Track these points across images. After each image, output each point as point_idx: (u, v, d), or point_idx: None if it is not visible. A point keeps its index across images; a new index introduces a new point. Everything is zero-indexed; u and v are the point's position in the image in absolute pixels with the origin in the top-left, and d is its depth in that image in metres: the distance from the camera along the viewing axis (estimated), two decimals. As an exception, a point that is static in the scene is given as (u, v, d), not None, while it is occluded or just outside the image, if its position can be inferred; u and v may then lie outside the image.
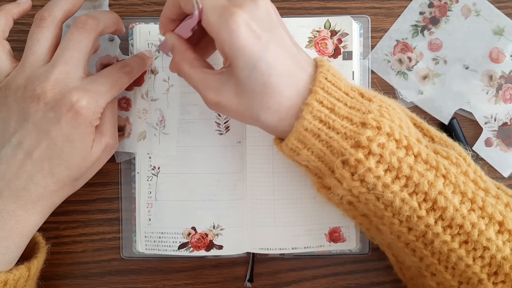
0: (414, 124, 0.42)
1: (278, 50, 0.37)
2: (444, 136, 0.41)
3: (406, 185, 0.36)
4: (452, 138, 0.49)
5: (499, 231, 0.36)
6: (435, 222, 0.36)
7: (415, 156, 0.36)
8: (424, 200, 0.36)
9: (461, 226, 0.36)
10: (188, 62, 0.40)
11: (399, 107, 0.41)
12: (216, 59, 0.46)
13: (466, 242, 0.36)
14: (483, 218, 0.36)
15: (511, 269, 0.36)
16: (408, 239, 0.38)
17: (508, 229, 0.36)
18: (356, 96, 0.39)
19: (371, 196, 0.37)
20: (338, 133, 0.36)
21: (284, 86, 0.37)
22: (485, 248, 0.36)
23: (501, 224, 0.36)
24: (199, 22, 0.38)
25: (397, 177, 0.36)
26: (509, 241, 0.36)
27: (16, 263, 0.40)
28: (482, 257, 0.36)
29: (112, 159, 0.49)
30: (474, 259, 0.36)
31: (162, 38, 0.43)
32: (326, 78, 0.38)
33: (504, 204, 0.38)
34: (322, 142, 0.37)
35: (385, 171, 0.36)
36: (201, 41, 0.43)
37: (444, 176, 0.36)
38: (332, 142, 0.36)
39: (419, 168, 0.36)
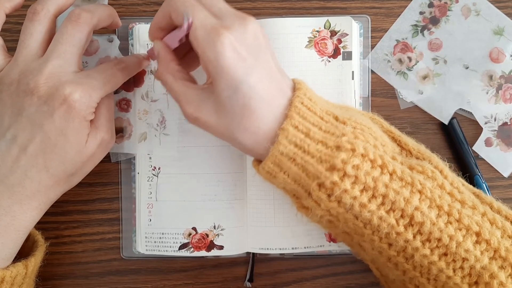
0: (393, 138, 0.42)
1: (261, 74, 0.37)
2: (421, 148, 0.42)
3: (382, 203, 0.36)
4: (452, 138, 0.49)
5: (476, 242, 0.37)
6: (414, 237, 0.36)
7: (390, 174, 0.37)
8: (401, 216, 0.36)
9: (439, 240, 0.36)
10: (171, 73, 0.40)
11: (377, 123, 0.41)
12: (201, 73, 0.46)
13: (445, 254, 0.36)
14: (460, 230, 0.36)
15: (490, 278, 0.36)
16: (389, 254, 0.38)
17: (485, 239, 0.37)
18: (330, 120, 0.39)
19: (350, 216, 0.37)
20: (313, 157, 0.37)
21: (263, 110, 0.37)
22: (464, 259, 0.36)
23: (478, 234, 0.37)
24: (187, 36, 0.38)
25: (373, 196, 0.36)
26: (487, 251, 0.36)
27: (14, 261, 0.40)
28: (461, 268, 0.36)
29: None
30: (454, 271, 0.37)
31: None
32: (302, 103, 0.38)
33: (481, 214, 0.38)
34: (297, 165, 0.37)
35: (361, 191, 0.36)
36: (187, 54, 0.44)
37: (419, 192, 0.37)
38: (308, 165, 0.37)
39: (394, 185, 0.36)
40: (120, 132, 0.48)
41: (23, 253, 0.41)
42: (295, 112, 0.38)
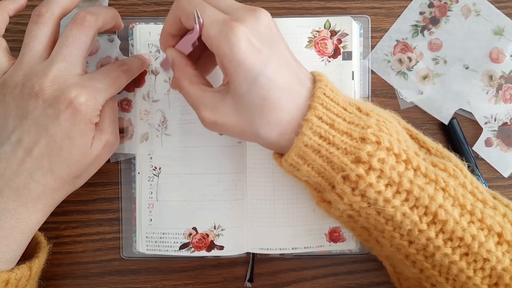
0: (410, 136, 0.42)
1: (278, 64, 0.37)
2: (440, 147, 0.42)
3: (406, 199, 0.36)
4: (452, 138, 0.49)
5: (498, 242, 0.36)
6: (436, 235, 0.36)
7: (415, 170, 0.36)
8: (425, 213, 0.36)
9: (461, 239, 0.36)
10: (188, 78, 0.40)
11: (395, 120, 0.41)
12: (216, 78, 0.46)
13: (466, 254, 0.36)
14: (482, 230, 0.36)
15: (511, 279, 0.36)
16: (408, 252, 0.38)
17: (507, 240, 0.36)
18: (354, 111, 0.39)
19: (372, 211, 0.37)
20: (338, 148, 0.36)
21: (284, 100, 0.37)
22: (486, 260, 0.36)
23: (500, 235, 0.36)
24: (200, 38, 0.38)
25: (397, 192, 0.36)
26: (508, 252, 0.36)
27: (17, 263, 0.40)
28: (482, 268, 0.36)
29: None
30: (474, 271, 0.36)
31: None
32: (324, 94, 0.38)
33: (501, 215, 0.38)
34: (322, 157, 0.37)
35: (386, 186, 0.36)
36: (201, 57, 0.43)
37: (443, 189, 0.36)
38: (333, 157, 0.36)
39: (419, 182, 0.36)
40: (121, 132, 0.48)
41: (26, 254, 0.41)
42: (318, 102, 0.37)
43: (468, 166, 0.40)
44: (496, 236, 0.36)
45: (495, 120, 0.49)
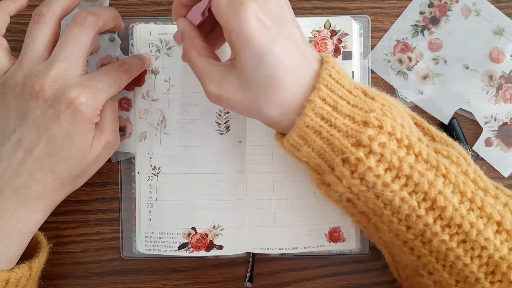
0: (415, 124, 0.42)
1: (286, 44, 0.37)
2: (444, 135, 0.42)
3: (406, 184, 0.36)
4: (452, 138, 0.49)
5: (497, 231, 0.36)
6: (434, 221, 0.36)
7: (416, 156, 0.36)
8: (424, 199, 0.36)
9: (459, 226, 0.36)
10: (196, 49, 0.40)
11: (401, 106, 0.41)
12: (224, 54, 0.46)
13: (464, 241, 0.36)
14: (481, 218, 0.36)
15: (508, 268, 0.36)
16: (406, 238, 0.38)
17: (506, 229, 0.36)
18: (359, 94, 0.39)
19: (371, 194, 0.37)
20: (339, 131, 0.36)
21: (289, 80, 0.37)
22: (483, 248, 0.36)
23: (499, 224, 0.36)
24: (210, 9, 0.38)
25: (397, 176, 0.36)
26: (507, 241, 0.36)
27: (17, 262, 0.40)
28: (479, 256, 0.36)
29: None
30: (471, 258, 0.36)
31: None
32: (330, 75, 0.38)
33: (502, 204, 0.38)
34: (323, 139, 0.37)
35: (385, 170, 0.36)
36: (212, 31, 0.43)
37: (444, 176, 0.36)
38: (333, 139, 0.36)
39: (419, 167, 0.36)
40: (120, 131, 0.48)
41: (26, 254, 0.41)
42: (323, 84, 0.37)
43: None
44: (495, 224, 0.36)
45: (495, 120, 0.49)
